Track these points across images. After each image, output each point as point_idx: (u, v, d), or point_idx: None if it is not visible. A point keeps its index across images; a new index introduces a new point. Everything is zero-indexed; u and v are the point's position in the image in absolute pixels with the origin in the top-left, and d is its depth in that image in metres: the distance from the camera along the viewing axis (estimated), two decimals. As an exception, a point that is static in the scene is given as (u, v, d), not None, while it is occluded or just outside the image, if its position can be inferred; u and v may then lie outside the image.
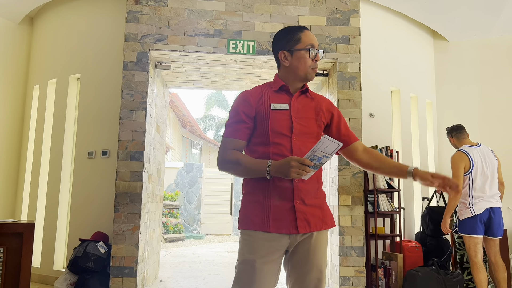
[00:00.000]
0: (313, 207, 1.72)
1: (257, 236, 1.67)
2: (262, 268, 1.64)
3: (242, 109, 1.74)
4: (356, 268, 4.21)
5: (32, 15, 5.47)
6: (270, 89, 1.81)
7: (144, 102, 4.19)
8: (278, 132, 1.71)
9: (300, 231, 1.67)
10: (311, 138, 1.76)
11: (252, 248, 1.67)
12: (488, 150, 3.81)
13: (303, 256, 1.71)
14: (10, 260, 3.09)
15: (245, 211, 1.73)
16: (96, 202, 4.51)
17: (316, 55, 1.77)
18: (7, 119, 5.16)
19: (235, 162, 1.69)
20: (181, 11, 4.32)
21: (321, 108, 1.83)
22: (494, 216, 3.62)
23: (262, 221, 1.67)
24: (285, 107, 1.75)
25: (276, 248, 1.68)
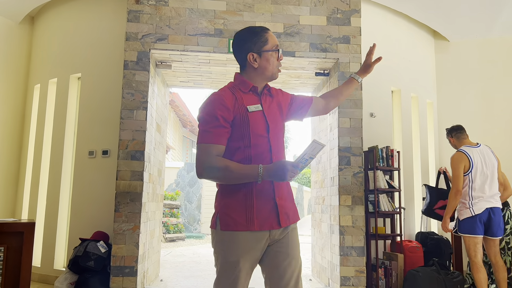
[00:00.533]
0: (288, 201, 1.82)
1: (242, 237, 1.69)
2: (244, 268, 1.69)
3: (220, 113, 1.69)
4: (356, 268, 4.21)
5: (33, 15, 5.47)
6: (240, 91, 1.80)
7: (144, 102, 4.19)
8: (258, 134, 1.74)
9: (282, 225, 1.76)
10: (281, 134, 1.85)
11: (236, 249, 1.68)
12: (488, 150, 3.81)
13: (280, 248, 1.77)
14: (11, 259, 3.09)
15: (228, 212, 1.71)
16: (96, 202, 4.51)
17: (280, 55, 1.85)
18: (7, 118, 5.16)
19: (224, 169, 1.66)
20: (182, 10, 4.32)
21: (279, 101, 1.91)
22: (494, 216, 3.62)
23: (246, 221, 1.70)
24: (259, 108, 1.78)
25: (258, 248, 1.74)
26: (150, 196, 4.51)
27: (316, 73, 4.83)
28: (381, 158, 4.62)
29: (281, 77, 5.12)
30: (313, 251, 5.45)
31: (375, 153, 4.58)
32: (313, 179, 5.61)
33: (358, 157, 4.35)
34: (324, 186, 4.93)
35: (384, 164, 4.63)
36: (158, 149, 4.97)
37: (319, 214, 5.14)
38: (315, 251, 5.32)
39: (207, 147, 1.69)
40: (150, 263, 4.63)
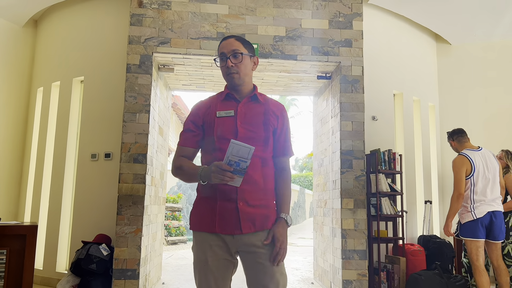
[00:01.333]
0: (258, 207, 1.76)
1: (206, 237, 1.76)
2: (213, 265, 1.74)
3: (191, 119, 1.87)
4: (358, 272, 4.20)
5: (36, 18, 5.50)
6: (219, 98, 1.89)
7: (147, 105, 4.20)
8: (223, 137, 1.77)
9: (244, 231, 1.73)
10: (259, 142, 1.80)
11: (203, 248, 1.76)
12: (490, 153, 3.80)
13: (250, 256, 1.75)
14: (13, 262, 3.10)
15: (195, 212, 1.83)
16: (99, 204, 4.52)
17: (225, 61, 1.82)
18: (11, 121, 5.18)
19: (179, 167, 1.82)
20: (185, 14, 4.34)
21: (270, 111, 1.86)
22: (496, 220, 3.61)
23: (209, 222, 1.76)
24: (231, 114, 1.81)
25: (223, 248, 1.75)
26: (152, 199, 4.52)
27: (318, 76, 4.84)
28: (383, 162, 4.62)
29: (283, 80, 5.13)
30: (315, 254, 5.44)
31: (377, 157, 4.58)
32: (315, 182, 5.61)
33: (360, 160, 4.35)
34: (326, 189, 4.93)
35: (386, 167, 4.62)
36: (161, 152, 4.98)
37: (321, 217, 5.14)
38: (317, 255, 5.31)
39: (177, 148, 1.89)
40: (152, 266, 4.63)
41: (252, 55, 1.89)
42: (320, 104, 5.39)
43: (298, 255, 8.33)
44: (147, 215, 4.23)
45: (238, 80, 1.84)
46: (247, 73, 1.87)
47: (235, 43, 1.85)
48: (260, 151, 1.80)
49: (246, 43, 1.89)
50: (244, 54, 1.84)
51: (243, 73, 1.85)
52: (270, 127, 1.84)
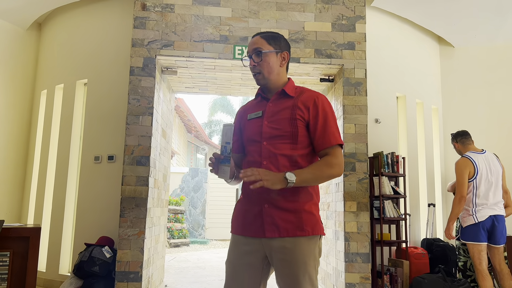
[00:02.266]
0: (285, 211, 1.65)
1: (236, 240, 1.77)
2: (238, 269, 1.71)
3: (235, 125, 1.90)
4: (361, 275, 4.19)
5: (40, 21, 5.53)
6: (255, 100, 1.89)
7: (150, 107, 4.21)
8: (251, 139, 1.76)
9: (267, 235, 1.65)
10: (285, 139, 1.69)
11: (231, 250, 1.77)
12: (493, 156, 3.78)
13: (280, 265, 1.65)
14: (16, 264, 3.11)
15: (232, 216, 1.85)
16: (101, 207, 4.52)
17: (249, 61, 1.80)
18: (14, 123, 5.21)
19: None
20: (188, 17, 4.35)
21: (298, 104, 1.72)
22: (498, 224, 3.59)
23: (240, 225, 1.76)
24: (259, 115, 1.78)
25: (250, 252, 1.70)
26: (155, 202, 4.52)
27: (321, 79, 4.84)
28: (386, 164, 4.61)
29: (286, 83, 5.13)
30: (318, 257, 5.42)
31: (380, 159, 4.57)
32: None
33: (363, 163, 4.35)
34: (329, 192, 4.92)
35: (389, 170, 4.61)
36: (163, 155, 4.99)
37: (324, 220, 5.13)
38: (320, 257, 5.29)
39: None
40: (154, 269, 4.63)
41: (279, 51, 1.78)
42: (323, 107, 5.38)
43: (300, 258, 8.29)
44: (150, 217, 4.23)
45: (262, 79, 1.77)
46: (271, 70, 1.76)
47: (259, 41, 1.78)
48: (287, 149, 1.69)
49: (272, 39, 1.79)
50: (265, 52, 1.75)
51: (266, 71, 1.76)
52: (299, 121, 1.69)
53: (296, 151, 1.69)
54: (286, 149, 1.69)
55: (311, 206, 1.69)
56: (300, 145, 1.69)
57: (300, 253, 1.62)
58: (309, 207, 1.68)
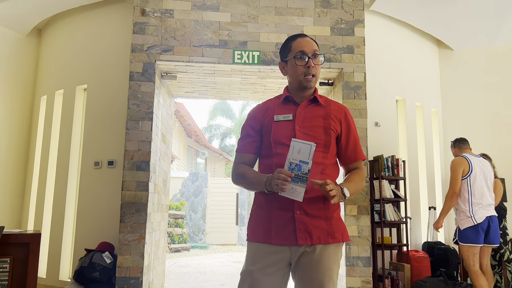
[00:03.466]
0: (317, 218, 1.64)
1: (260, 248, 1.68)
2: (260, 278, 1.63)
3: (249, 123, 1.81)
4: (363, 279, 4.17)
5: (40, 27, 5.55)
6: (277, 101, 1.82)
7: (150, 112, 4.21)
8: (281, 142, 1.70)
9: (299, 243, 1.62)
10: (319, 147, 1.68)
11: (253, 259, 1.68)
12: (487, 163, 3.87)
13: (304, 270, 1.63)
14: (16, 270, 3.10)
15: (251, 223, 1.76)
16: (102, 212, 4.52)
17: (307, 61, 1.72)
18: (14, 129, 5.21)
19: (241, 175, 1.77)
20: (187, 22, 4.37)
21: (331, 115, 1.75)
22: (493, 224, 3.65)
23: (265, 232, 1.68)
24: (289, 118, 1.73)
25: (276, 260, 1.65)
26: (155, 207, 4.51)
27: (320, 83, 4.85)
28: (386, 168, 4.60)
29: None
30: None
31: (380, 163, 4.57)
32: (318, 189, 5.59)
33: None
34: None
35: (389, 173, 4.61)
36: (163, 159, 4.98)
37: (324, 224, 5.12)
38: (321, 262, 5.28)
39: (236, 155, 1.85)
40: (155, 274, 4.62)
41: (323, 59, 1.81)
42: (323, 111, 5.39)
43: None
44: (150, 222, 4.22)
45: (314, 83, 1.77)
46: (318, 77, 1.79)
47: (315, 44, 1.77)
48: (320, 157, 1.69)
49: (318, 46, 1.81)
50: (324, 58, 1.78)
51: (317, 76, 1.76)
52: (332, 132, 1.72)
53: (327, 160, 1.71)
54: (318, 157, 1.68)
55: (339, 213, 1.73)
56: (330, 154, 1.73)
57: (327, 259, 1.63)
58: (338, 214, 1.71)
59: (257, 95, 5.54)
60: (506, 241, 4.05)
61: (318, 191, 1.63)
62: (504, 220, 4.09)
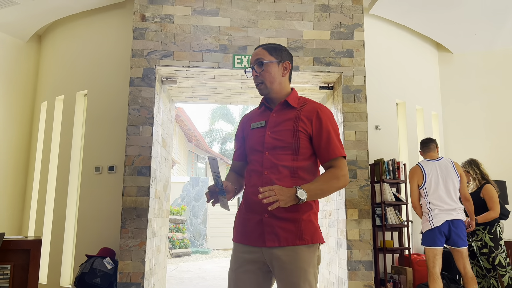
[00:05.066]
0: (285, 221, 1.67)
1: (239, 248, 1.78)
2: (241, 277, 1.72)
3: (237, 132, 1.96)
4: (365, 283, 4.16)
5: (40, 33, 5.56)
6: (258, 110, 1.92)
7: (150, 118, 4.21)
8: (254, 148, 1.79)
9: (267, 244, 1.67)
10: (287, 151, 1.71)
11: (235, 258, 1.78)
12: (449, 164, 3.81)
13: (280, 273, 1.67)
14: (17, 277, 3.09)
15: (234, 224, 1.87)
16: (102, 218, 4.51)
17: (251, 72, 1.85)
18: (15, 135, 5.21)
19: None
20: (187, 27, 4.38)
21: (300, 116, 1.75)
22: (454, 228, 3.65)
23: (241, 234, 1.78)
24: (262, 124, 1.80)
25: (253, 260, 1.72)
26: (156, 212, 4.50)
27: (320, 87, 4.85)
28: (387, 171, 4.60)
29: (285, 91, 5.14)
30: (321, 265, 5.40)
31: (381, 166, 4.56)
32: (319, 193, 5.58)
33: (364, 170, 4.34)
34: (330, 200, 4.90)
35: (390, 176, 4.60)
36: (164, 164, 4.98)
37: (326, 228, 5.10)
38: (323, 266, 5.27)
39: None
40: (156, 279, 4.60)
41: (280, 61, 1.82)
42: (323, 114, 5.39)
43: (303, 267, 8.24)
44: (151, 228, 4.21)
45: (265, 89, 1.82)
46: (273, 80, 1.80)
47: (260, 52, 1.83)
48: (289, 160, 1.71)
49: (274, 50, 1.83)
50: (267, 62, 1.79)
51: (268, 81, 1.80)
52: (302, 133, 1.72)
53: (297, 162, 1.72)
54: (288, 160, 1.72)
55: (310, 215, 1.72)
56: (302, 156, 1.73)
57: (300, 261, 1.65)
58: (308, 216, 1.71)
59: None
60: (498, 246, 4.01)
61: None
62: (496, 225, 4.05)
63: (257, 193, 1.67)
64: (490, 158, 5.55)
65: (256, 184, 1.72)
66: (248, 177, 1.78)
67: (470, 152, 5.42)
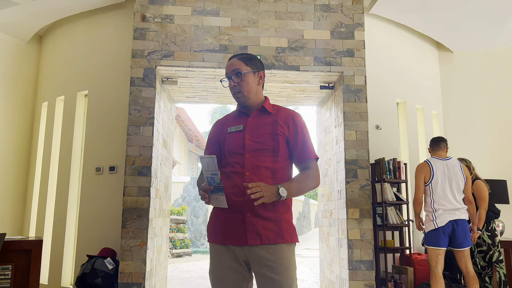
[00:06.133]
0: (266, 220, 1.76)
1: (219, 249, 1.82)
2: (224, 276, 1.79)
3: (209, 138, 2.00)
4: (366, 282, 4.16)
5: (40, 34, 5.56)
6: (233, 115, 1.99)
7: (151, 118, 4.22)
8: (233, 151, 1.84)
9: (249, 243, 1.73)
10: (268, 153, 1.82)
11: (215, 259, 1.83)
12: (457, 164, 3.81)
13: (259, 270, 1.74)
14: (18, 277, 3.09)
15: (209, 225, 1.89)
16: (103, 218, 4.51)
17: (229, 82, 1.91)
18: (15, 136, 5.21)
19: (198, 185, 1.95)
20: (187, 27, 4.38)
21: (278, 121, 1.87)
22: (458, 228, 3.64)
23: (220, 234, 1.81)
24: (240, 128, 1.88)
25: (234, 259, 1.78)
26: (157, 212, 4.51)
27: (320, 87, 4.85)
28: (388, 171, 4.60)
29: (286, 90, 5.15)
30: (322, 265, 5.39)
31: (382, 166, 4.56)
32: (320, 192, 5.59)
33: (365, 170, 4.34)
34: (331, 199, 4.90)
35: (391, 176, 4.60)
36: (165, 165, 4.98)
37: (326, 227, 5.10)
38: (324, 266, 5.27)
39: None
40: (157, 280, 4.60)
41: (256, 71, 1.93)
42: (324, 114, 5.39)
43: (304, 267, 8.26)
44: (152, 228, 4.21)
45: (243, 98, 1.90)
46: (250, 89, 1.91)
47: (236, 63, 1.91)
48: (269, 162, 1.82)
49: (249, 60, 1.93)
50: (244, 73, 1.89)
51: (246, 90, 1.90)
52: (280, 137, 1.84)
53: (277, 164, 1.84)
54: (268, 161, 1.82)
55: (289, 215, 1.84)
56: (281, 158, 1.85)
57: (282, 259, 1.74)
58: (287, 216, 1.82)
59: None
60: (495, 243, 4.02)
61: None
62: (492, 222, 4.06)
63: (238, 194, 1.75)
64: (490, 158, 5.55)
65: (238, 184, 1.77)
66: (226, 179, 1.83)
67: (470, 152, 5.41)
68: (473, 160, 4.61)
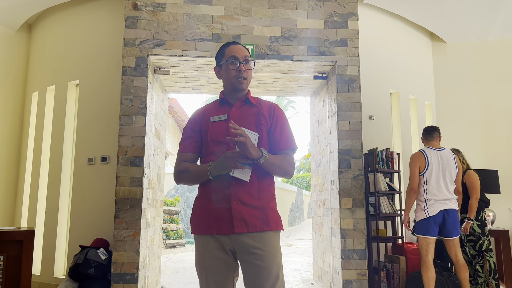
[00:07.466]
0: (252, 208, 1.77)
1: (204, 240, 1.80)
2: (212, 267, 1.78)
3: (189, 125, 1.96)
4: (358, 271, 4.19)
5: (30, 22, 5.47)
6: (215, 105, 1.98)
7: (143, 107, 4.18)
8: (217, 140, 1.84)
9: (236, 231, 1.74)
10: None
11: (201, 250, 1.81)
12: (451, 155, 3.84)
13: (246, 258, 1.75)
14: (10, 268, 3.07)
15: (193, 216, 1.87)
16: (96, 208, 4.49)
17: (238, 65, 1.88)
18: (6, 126, 5.15)
19: (184, 170, 1.87)
20: (180, 16, 4.33)
21: (262, 112, 1.90)
22: (448, 218, 3.68)
23: (206, 225, 1.80)
24: (223, 118, 1.88)
25: (221, 249, 1.78)
26: (150, 202, 4.49)
27: (314, 76, 4.84)
28: (381, 161, 4.62)
29: (279, 81, 5.13)
30: (315, 254, 5.43)
31: (375, 156, 4.57)
32: (313, 183, 5.60)
33: (358, 160, 4.35)
34: (324, 190, 4.92)
35: (384, 166, 4.62)
36: (158, 155, 4.96)
37: (320, 217, 5.13)
38: (317, 255, 5.30)
39: (177, 156, 1.94)
40: (150, 270, 4.60)
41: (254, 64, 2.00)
42: (317, 104, 5.39)
43: (297, 256, 8.31)
44: (145, 218, 4.20)
45: (246, 85, 1.93)
46: (250, 79, 1.96)
47: (246, 51, 1.94)
48: None
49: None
50: (254, 63, 1.94)
51: (249, 79, 1.94)
52: (263, 127, 1.87)
53: None
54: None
55: (274, 203, 1.86)
56: (264, 148, 1.85)
57: (269, 246, 1.76)
58: (273, 204, 1.85)
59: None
60: (485, 232, 4.08)
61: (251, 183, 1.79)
62: (482, 212, 4.11)
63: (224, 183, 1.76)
64: (483, 148, 5.59)
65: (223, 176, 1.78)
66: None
67: (463, 142, 5.45)
68: (465, 150, 4.65)
